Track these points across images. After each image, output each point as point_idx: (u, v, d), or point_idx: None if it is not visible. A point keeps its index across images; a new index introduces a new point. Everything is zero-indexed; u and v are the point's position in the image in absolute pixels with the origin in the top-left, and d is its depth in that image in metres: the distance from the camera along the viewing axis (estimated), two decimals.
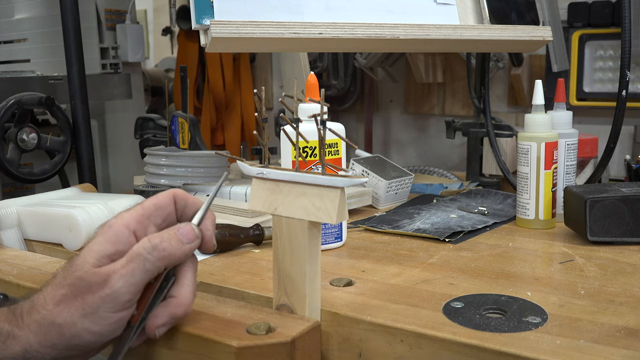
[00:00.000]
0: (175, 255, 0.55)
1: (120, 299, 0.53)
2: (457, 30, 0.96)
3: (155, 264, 0.54)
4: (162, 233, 0.55)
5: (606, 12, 1.38)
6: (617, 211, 0.83)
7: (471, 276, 0.73)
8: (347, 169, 0.99)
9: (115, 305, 0.53)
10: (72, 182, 1.24)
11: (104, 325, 0.53)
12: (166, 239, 0.55)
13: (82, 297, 0.53)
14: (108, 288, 0.52)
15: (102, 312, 0.52)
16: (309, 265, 0.60)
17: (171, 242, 0.55)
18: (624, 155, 1.24)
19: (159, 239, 0.55)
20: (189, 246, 0.56)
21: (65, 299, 0.53)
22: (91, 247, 0.55)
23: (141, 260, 0.53)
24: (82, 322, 0.52)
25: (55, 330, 0.53)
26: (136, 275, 0.53)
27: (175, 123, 1.26)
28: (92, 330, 0.53)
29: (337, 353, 0.62)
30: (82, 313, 0.52)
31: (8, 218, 0.91)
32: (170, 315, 0.56)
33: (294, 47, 1.14)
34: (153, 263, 0.54)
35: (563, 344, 0.54)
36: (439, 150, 1.80)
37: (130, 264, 0.53)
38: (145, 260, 0.53)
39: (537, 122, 0.92)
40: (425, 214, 1.01)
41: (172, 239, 0.55)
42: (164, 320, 0.56)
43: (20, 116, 1.15)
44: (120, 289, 0.52)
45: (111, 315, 0.53)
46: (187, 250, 0.56)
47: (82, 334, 0.53)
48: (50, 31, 1.59)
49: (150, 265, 0.54)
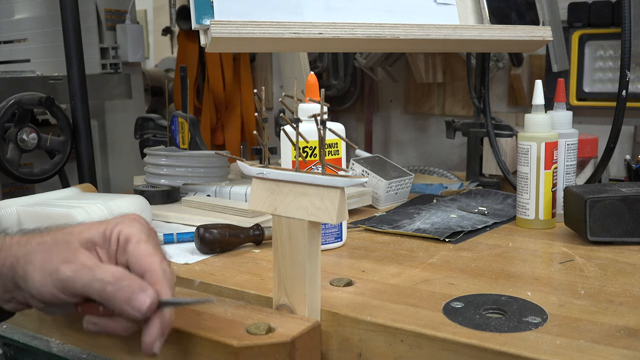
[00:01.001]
0: (113, 304, 0.53)
1: (61, 283, 0.54)
2: (457, 30, 0.96)
3: (96, 291, 0.53)
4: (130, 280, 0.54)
5: (606, 12, 1.38)
6: (617, 211, 0.83)
7: (471, 276, 0.73)
8: (347, 169, 0.99)
9: (57, 283, 0.54)
10: (72, 182, 1.24)
11: (44, 288, 0.54)
12: (118, 286, 0.53)
13: (50, 253, 0.55)
14: (63, 267, 0.54)
15: (49, 277, 0.54)
16: (309, 265, 0.60)
17: (117, 294, 0.53)
18: (624, 155, 1.24)
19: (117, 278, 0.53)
20: (129, 311, 0.53)
21: (44, 245, 0.56)
22: (91, 229, 0.57)
23: (91, 277, 0.54)
24: (37, 271, 0.54)
25: (23, 261, 0.55)
26: (79, 283, 0.53)
27: (175, 123, 1.26)
28: (36, 284, 0.54)
29: (337, 353, 0.62)
30: (41, 265, 0.55)
31: (8, 218, 0.90)
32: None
33: (294, 47, 1.14)
34: (94, 288, 0.53)
35: (563, 344, 0.54)
36: (439, 150, 1.80)
37: (86, 272, 0.54)
38: (92, 281, 0.53)
39: (537, 122, 0.92)
40: (425, 214, 1.01)
41: (123, 291, 0.53)
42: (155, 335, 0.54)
43: (20, 116, 1.15)
44: (66, 277, 0.54)
45: (51, 287, 0.54)
46: (125, 312, 0.53)
47: (29, 279, 0.55)
48: (50, 31, 1.59)
49: (90, 288, 0.53)
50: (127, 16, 1.65)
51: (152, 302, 0.53)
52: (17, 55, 1.71)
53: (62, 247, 0.56)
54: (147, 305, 0.53)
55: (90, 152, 1.25)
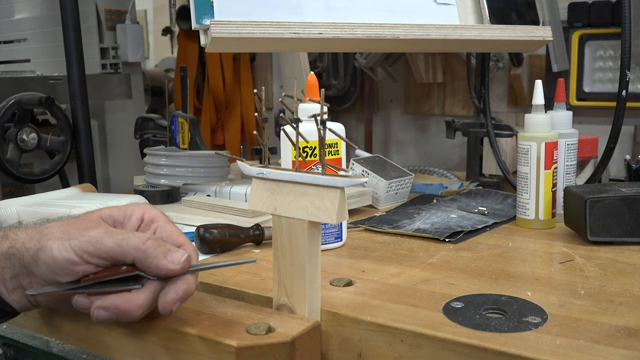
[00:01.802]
0: (148, 259, 0.55)
1: (84, 245, 0.55)
2: (457, 30, 0.96)
3: (130, 248, 0.55)
4: (161, 240, 0.57)
5: (606, 12, 1.38)
6: (617, 211, 0.83)
7: (471, 276, 0.73)
8: (347, 169, 0.99)
9: (79, 246, 0.55)
10: (72, 182, 1.24)
11: (60, 256, 0.55)
12: (157, 243, 0.56)
13: (71, 226, 0.57)
14: (87, 231, 0.56)
15: (68, 243, 0.55)
16: (309, 265, 0.60)
17: (157, 249, 0.56)
18: (624, 155, 1.24)
19: (152, 237, 0.57)
20: (166, 263, 0.56)
21: (64, 222, 0.58)
22: (111, 208, 0.61)
23: (124, 235, 0.56)
24: (54, 241, 0.56)
25: (38, 236, 0.57)
26: (110, 241, 0.56)
27: (175, 123, 1.26)
28: (53, 252, 0.55)
29: (337, 353, 0.62)
30: (60, 235, 0.56)
31: (8, 218, 0.91)
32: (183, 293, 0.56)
33: (294, 47, 1.14)
34: (129, 245, 0.55)
35: (563, 344, 0.54)
36: (439, 150, 1.80)
37: (117, 232, 0.56)
38: (126, 238, 0.56)
39: (537, 122, 0.92)
40: (425, 214, 1.01)
41: (161, 247, 0.56)
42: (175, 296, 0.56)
43: (20, 116, 1.15)
44: (90, 238, 0.56)
45: (70, 253, 0.55)
46: (161, 265, 0.56)
47: (46, 250, 0.55)
48: (50, 31, 1.59)
49: (125, 244, 0.55)
50: (127, 16, 1.65)
51: (188, 256, 0.57)
52: (17, 55, 1.71)
53: (83, 220, 0.58)
54: (185, 257, 0.56)
55: (90, 152, 1.25)
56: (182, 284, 0.56)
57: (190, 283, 0.57)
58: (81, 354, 0.72)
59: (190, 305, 0.64)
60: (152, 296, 0.57)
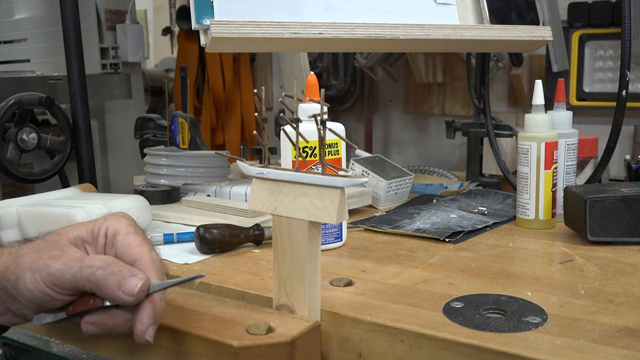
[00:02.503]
0: (103, 290, 0.54)
1: (50, 278, 0.55)
2: (457, 30, 0.96)
3: (84, 280, 0.54)
4: (117, 265, 0.55)
5: (606, 12, 1.38)
6: (617, 211, 0.83)
7: (471, 276, 0.73)
8: (347, 169, 0.99)
9: (47, 279, 0.55)
10: (72, 182, 1.24)
11: (34, 288, 0.55)
12: (109, 271, 0.54)
13: (40, 254, 0.56)
14: (53, 261, 0.55)
15: (38, 275, 0.55)
16: (309, 265, 0.60)
17: (109, 278, 0.53)
18: (624, 155, 1.24)
19: (106, 263, 0.54)
20: (120, 295, 0.53)
21: (34, 247, 0.57)
22: (80, 226, 0.59)
23: (79, 266, 0.54)
24: (27, 271, 0.55)
25: (14, 266, 0.56)
26: (69, 274, 0.54)
27: (175, 123, 1.26)
28: (27, 284, 0.55)
29: (337, 353, 0.62)
30: (31, 265, 0.55)
31: (8, 218, 0.90)
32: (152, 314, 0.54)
33: (294, 47, 1.14)
34: (83, 277, 0.54)
35: (563, 344, 0.54)
36: (439, 150, 1.80)
37: (74, 262, 0.55)
38: (80, 270, 0.54)
39: (537, 122, 0.92)
40: (425, 214, 1.01)
41: (114, 276, 0.54)
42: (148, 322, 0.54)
43: (20, 116, 1.15)
44: (55, 271, 0.55)
45: (41, 285, 0.55)
46: (116, 296, 0.53)
47: (21, 282, 0.55)
48: (50, 31, 1.59)
49: (79, 276, 0.54)
50: (127, 16, 1.65)
51: (143, 285, 0.54)
52: (17, 55, 1.71)
53: (51, 245, 0.57)
54: (138, 287, 0.53)
55: (90, 152, 1.25)
56: (145, 310, 0.54)
57: (155, 304, 0.54)
58: (81, 354, 0.72)
59: (190, 305, 0.64)
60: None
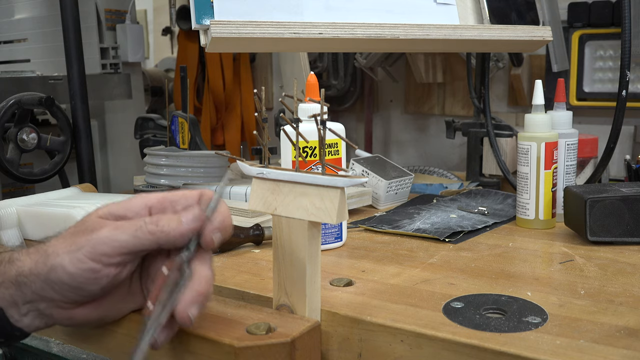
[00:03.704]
0: (170, 234, 0.54)
1: (98, 248, 0.53)
2: (457, 30, 0.96)
3: (147, 235, 0.54)
4: (169, 214, 0.56)
5: (606, 12, 1.38)
6: (617, 211, 0.83)
7: (471, 276, 0.73)
8: (347, 169, 0.99)
9: (93, 251, 0.53)
10: (72, 182, 1.24)
11: (76, 268, 0.53)
12: (167, 217, 0.55)
13: (75, 236, 0.55)
14: (95, 233, 0.54)
15: (80, 253, 0.53)
16: (309, 265, 0.60)
17: (170, 221, 0.54)
18: (624, 155, 1.24)
19: (160, 216, 0.55)
20: (186, 226, 0.54)
21: (64, 236, 0.56)
22: (107, 205, 0.57)
23: (134, 226, 0.54)
24: (63, 257, 0.53)
25: (43, 259, 0.54)
26: (122, 235, 0.53)
27: (175, 123, 1.26)
28: (66, 268, 0.53)
29: (337, 353, 0.62)
30: (68, 249, 0.54)
31: (8, 218, 0.91)
32: (195, 293, 0.53)
33: (294, 47, 1.14)
34: (144, 233, 0.54)
35: (563, 344, 0.54)
36: (439, 150, 1.80)
37: (126, 224, 0.54)
38: (138, 228, 0.54)
39: (537, 122, 0.92)
40: (425, 214, 1.01)
41: (173, 218, 0.54)
42: (190, 298, 0.53)
43: (20, 116, 1.15)
44: (103, 239, 0.53)
45: (86, 261, 0.53)
46: (182, 230, 0.54)
47: (58, 269, 0.53)
48: (50, 31, 1.59)
49: (140, 233, 0.54)
50: (127, 16, 1.65)
51: (198, 209, 0.55)
52: (17, 55, 1.71)
53: (83, 227, 0.55)
54: (197, 211, 0.54)
55: (90, 152, 1.25)
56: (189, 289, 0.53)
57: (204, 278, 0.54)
58: (81, 354, 0.72)
59: None
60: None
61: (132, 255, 0.55)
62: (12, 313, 0.56)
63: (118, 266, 0.54)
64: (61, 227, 0.85)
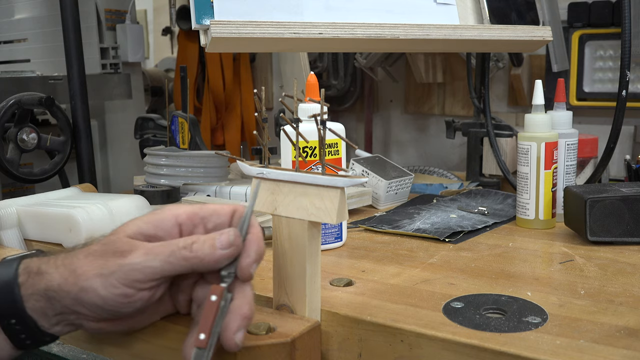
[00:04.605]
0: (204, 259, 0.53)
1: (131, 275, 0.53)
2: (457, 30, 0.96)
3: (181, 261, 0.53)
4: (203, 235, 0.54)
5: (606, 12, 1.38)
6: (617, 211, 0.83)
7: (471, 276, 0.73)
8: (347, 169, 0.99)
9: (126, 278, 0.53)
10: (72, 182, 1.24)
11: (109, 293, 0.53)
12: (201, 240, 0.54)
13: (105, 258, 0.54)
14: (127, 259, 0.53)
15: (113, 278, 0.53)
16: (309, 265, 0.60)
17: (204, 246, 0.53)
18: (624, 155, 1.24)
19: (194, 239, 0.54)
20: (221, 252, 0.53)
21: (93, 254, 0.54)
22: (136, 221, 0.56)
23: (167, 250, 0.53)
24: (94, 280, 0.53)
25: (73, 278, 0.54)
26: (155, 262, 0.53)
27: (175, 123, 1.26)
28: (98, 292, 0.53)
29: (337, 353, 0.62)
30: (98, 272, 0.53)
31: (8, 218, 0.90)
32: (240, 318, 0.52)
33: (294, 47, 1.14)
34: (178, 259, 0.53)
35: (563, 344, 0.54)
36: (439, 150, 1.80)
37: (158, 248, 0.53)
38: (171, 253, 0.53)
39: (537, 122, 0.92)
40: (425, 214, 1.01)
41: (207, 242, 0.53)
42: (236, 325, 0.52)
43: (20, 116, 1.15)
44: (136, 265, 0.52)
45: (119, 287, 0.53)
46: (218, 257, 0.53)
47: (90, 291, 0.53)
48: (50, 31, 1.59)
49: (174, 259, 0.53)
50: (127, 16, 1.65)
51: (233, 232, 0.54)
52: (17, 55, 1.71)
53: (112, 246, 0.54)
54: (232, 236, 0.53)
55: (90, 152, 1.25)
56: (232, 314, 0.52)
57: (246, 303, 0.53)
58: (81, 354, 0.72)
59: None
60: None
61: (166, 279, 0.55)
62: (42, 323, 0.56)
63: (151, 289, 0.54)
64: (63, 227, 0.85)
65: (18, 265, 0.56)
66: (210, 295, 0.52)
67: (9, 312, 0.55)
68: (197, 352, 0.51)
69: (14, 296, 0.55)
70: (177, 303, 0.60)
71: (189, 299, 0.59)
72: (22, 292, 0.55)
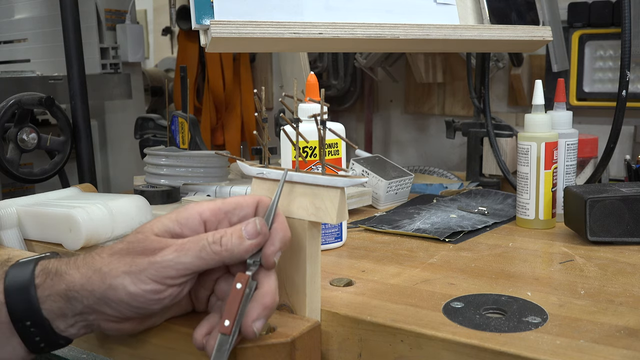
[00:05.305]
0: (234, 251, 0.54)
1: (163, 272, 0.53)
2: (457, 30, 0.96)
3: (212, 255, 0.54)
4: (229, 228, 0.55)
5: (606, 12, 1.38)
6: (617, 211, 0.83)
7: (471, 276, 0.73)
8: (347, 169, 0.99)
9: (158, 274, 0.53)
10: (72, 182, 1.24)
11: (139, 289, 0.53)
12: (229, 233, 0.54)
13: (133, 256, 0.54)
14: (158, 256, 0.53)
15: (143, 275, 0.53)
16: (309, 265, 0.60)
17: (232, 238, 0.54)
18: (624, 155, 1.24)
19: (222, 233, 0.55)
20: (249, 242, 0.54)
21: (119, 253, 0.55)
22: (161, 219, 0.56)
23: (197, 246, 0.54)
24: (124, 277, 0.53)
25: (98, 277, 0.54)
26: (187, 257, 0.53)
27: (175, 123, 1.26)
28: (128, 289, 0.53)
29: (337, 353, 0.62)
30: (127, 269, 0.53)
31: (8, 218, 0.90)
32: (261, 307, 0.53)
33: (294, 47, 1.14)
34: (209, 254, 0.54)
35: (563, 344, 0.54)
36: (439, 150, 1.80)
37: (188, 244, 0.54)
38: (202, 248, 0.54)
39: (537, 122, 0.92)
40: (425, 214, 1.01)
41: (235, 234, 0.54)
42: (256, 313, 0.53)
43: (20, 116, 1.15)
44: (168, 262, 0.53)
45: (150, 283, 0.53)
46: (247, 247, 0.54)
47: (119, 289, 0.53)
48: (50, 31, 1.59)
49: (205, 254, 0.53)
50: (127, 16, 1.65)
51: (259, 221, 0.55)
52: (17, 55, 1.71)
53: (139, 244, 0.55)
54: (258, 224, 0.55)
55: (90, 152, 1.25)
56: (254, 302, 0.53)
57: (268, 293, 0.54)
58: (81, 354, 0.72)
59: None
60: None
61: (195, 275, 0.55)
62: (58, 324, 0.56)
63: (180, 285, 0.55)
64: (63, 227, 0.85)
65: (34, 267, 0.56)
66: (235, 283, 0.53)
67: (25, 314, 0.55)
68: (222, 338, 0.52)
69: (29, 297, 0.55)
70: (197, 300, 0.60)
71: (209, 295, 0.60)
72: (39, 294, 0.55)
